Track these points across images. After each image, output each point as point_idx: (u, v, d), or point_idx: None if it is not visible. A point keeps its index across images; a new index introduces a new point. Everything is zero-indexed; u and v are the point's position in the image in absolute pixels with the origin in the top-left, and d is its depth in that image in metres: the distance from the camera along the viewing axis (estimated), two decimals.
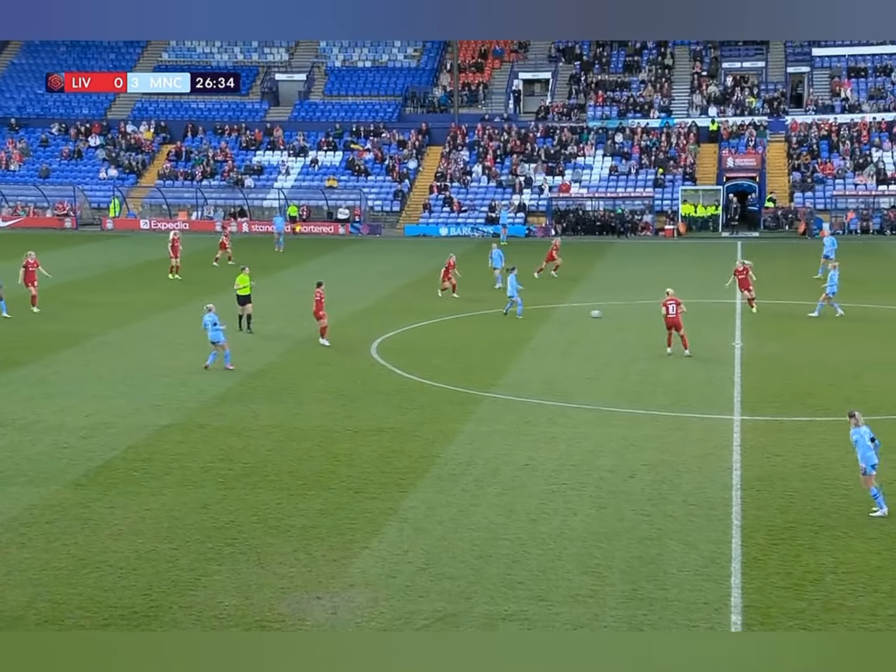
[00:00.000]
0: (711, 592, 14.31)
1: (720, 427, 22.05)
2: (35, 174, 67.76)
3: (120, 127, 71.09)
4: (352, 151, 67.78)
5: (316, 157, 67.76)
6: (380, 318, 33.88)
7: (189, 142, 70.02)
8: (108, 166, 68.44)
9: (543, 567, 15.08)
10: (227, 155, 68.29)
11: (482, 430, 21.85)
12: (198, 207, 64.86)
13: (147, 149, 69.77)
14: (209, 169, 67.12)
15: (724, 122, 66.14)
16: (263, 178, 66.87)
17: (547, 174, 64.48)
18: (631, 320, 34.43)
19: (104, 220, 63.50)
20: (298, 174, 66.96)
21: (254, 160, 68.01)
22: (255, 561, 15.25)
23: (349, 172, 66.55)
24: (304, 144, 68.50)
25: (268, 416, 22.78)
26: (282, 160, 67.78)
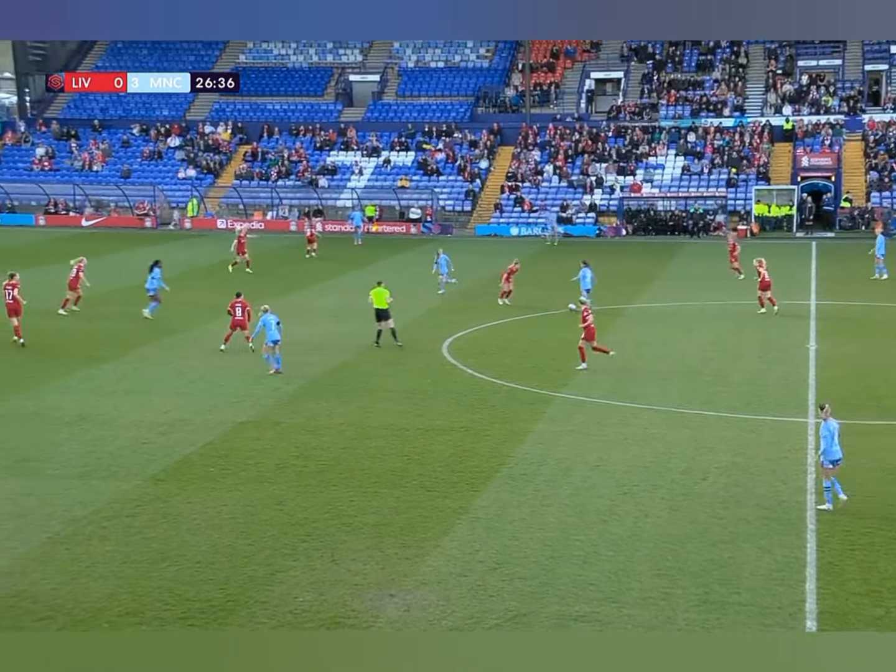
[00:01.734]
0: (785, 597, 14.08)
1: (794, 429, 21.68)
2: (117, 174, 69.14)
3: (198, 128, 72.18)
4: (424, 151, 67.96)
5: (388, 157, 68.06)
6: (450, 317, 33.90)
7: (265, 142, 70.83)
8: (186, 166, 69.53)
9: (615, 568, 14.97)
10: (301, 155, 68.95)
11: (553, 430, 21.77)
12: (273, 207, 65.60)
13: (224, 149, 70.72)
14: (284, 169, 67.84)
15: (798, 121, 64.96)
16: (337, 179, 67.36)
17: (618, 174, 63.96)
18: (702, 321, 34.00)
19: (182, 219, 64.55)
20: (371, 174, 67.32)
21: (328, 160, 68.54)
22: (329, 557, 15.38)
23: (421, 172, 66.73)
24: (377, 145, 68.86)
25: (341, 413, 22.95)
26: (355, 160, 68.22)
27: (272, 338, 26.44)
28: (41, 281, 42.27)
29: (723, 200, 60.81)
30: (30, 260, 48.53)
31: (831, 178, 61.52)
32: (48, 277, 43.21)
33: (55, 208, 66.25)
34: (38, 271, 44.93)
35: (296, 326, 32.82)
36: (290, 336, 31.36)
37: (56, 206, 66.33)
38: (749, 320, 33.93)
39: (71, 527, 16.47)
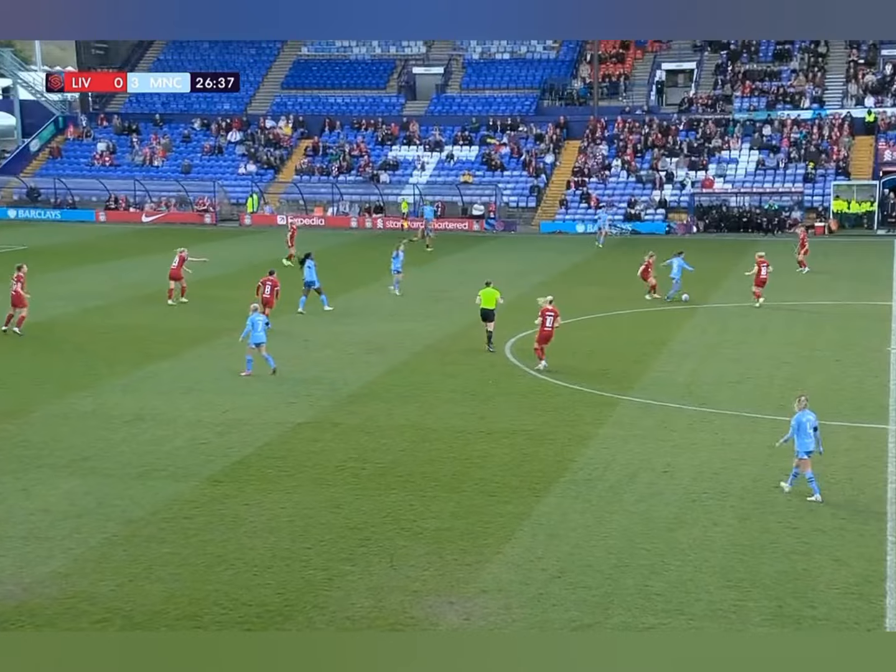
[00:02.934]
0: (863, 612, 13.84)
1: (873, 436, 21.29)
2: (177, 169, 70.16)
3: (259, 122, 72.96)
4: (488, 146, 67.93)
5: (451, 151, 68.16)
6: (514, 316, 33.81)
7: (326, 137, 71.35)
8: (246, 161, 70.33)
9: (682, 579, 14.84)
10: (363, 150, 69.34)
11: (619, 434, 21.63)
12: (333, 203, 66.07)
13: (285, 144, 71.39)
14: (345, 164, 68.29)
15: (881, 112, 63.70)
16: (399, 174, 67.62)
17: (689, 169, 63.33)
18: (776, 321, 33.55)
19: (242, 215, 65.31)
20: (434, 169, 67.47)
21: (389, 155, 68.85)
22: (388, 563, 15.45)
23: (485, 167, 66.70)
24: (440, 139, 68.98)
25: (400, 415, 23.04)
26: (417, 155, 68.43)
27: (256, 339, 26.22)
28: (98, 279, 43.08)
29: (799, 196, 59.90)
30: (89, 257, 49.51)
31: None
32: (105, 275, 44.03)
33: (115, 204, 67.46)
34: (96, 269, 45.79)
35: (355, 326, 33.08)
36: (348, 335, 31.66)
37: (116, 201, 67.54)
38: (825, 321, 33.40)
39: (128, 528, 16.75)
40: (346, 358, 28.66)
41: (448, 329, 32.60)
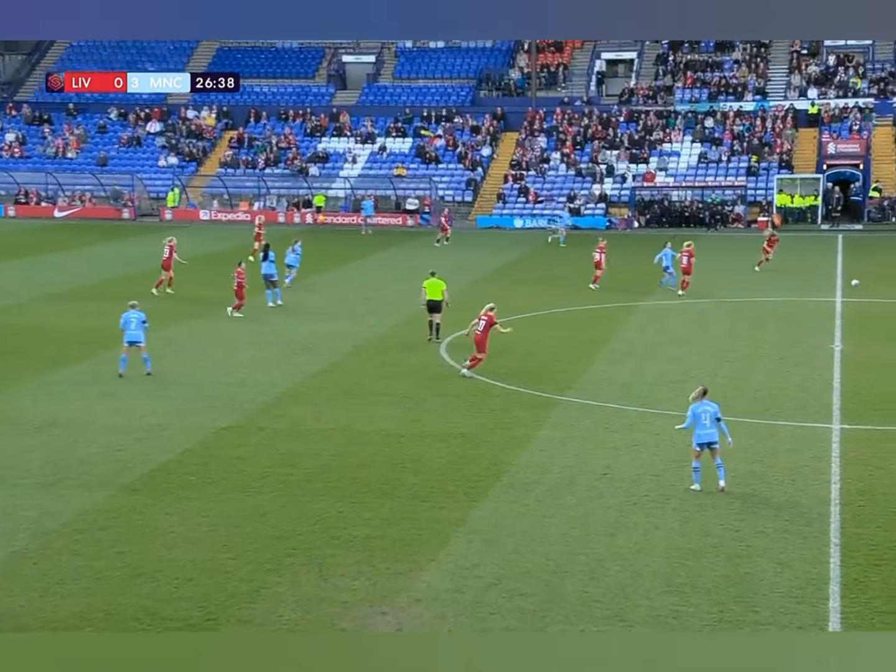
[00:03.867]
0: (807, 616, 14.08)
1: (817, 436, 21.68)
2: (93, 162, 69.16)
3: (180, 112, 72.19)
4: (422, 138, 67.98)
5: (384, 143, 68.10)
6: (449, 315, 33.86)
7: (252, 128, 70.85)
8: (167, 154, 69.57)
9: (622, 584, 14.98)
10: (291, 142, 68.98)
11: (557, 436, 21.78)
12: (260, 197, 65.63)
13: (208, 135, 70.76)
14: (272, 156, 67.88)
15: (825, 104, 64.94)
16: (329, 167, 67.39)
17: (630, 162, 63.98)
18: (719, 319, 34.03)
19: (162, 210, 64.59)
20: (366, 162, 67.35)
21: (319, 147, 68.58)
22: (317, 573, 15.39)
23: (419, 160, 66.75)
24: (372, 130, 68.88)
25: (330, 418, 22.96)
26: (348, 147, 68.26)
27: (129, 338, 25.87)
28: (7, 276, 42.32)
29: (742, 190, 60.80)
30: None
31: (859, 166, 61.48)
32: (15, 273, 43.25)
33: (26, 198, 66.29)
34: (4, 266, 44.97)
35: (281, 326, 32.91)
36: (275, 336, 31.48)
37: (27, 195, 66.37)
38: (769, 318, 33.94)
39: (39, 540, 16.47)
40: (273, 359, 28.49)
41: (379, 328, 32.57)
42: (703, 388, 18.88)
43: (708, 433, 18.37)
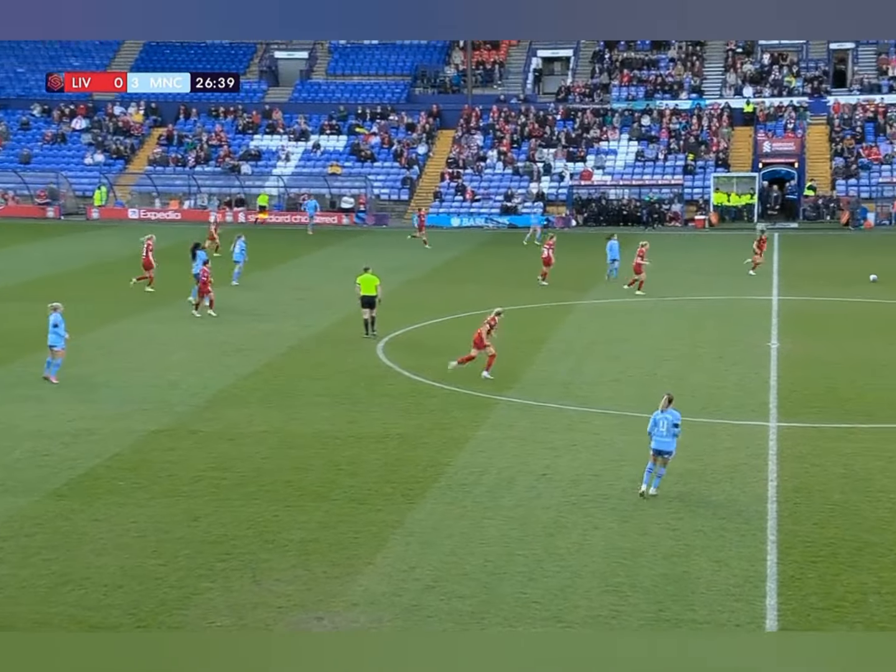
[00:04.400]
0: (744, 614, 14.28)
1: (754, 434, 22.00)
2: (15, 160, 68.00)
3: (107, 109, 71.27)
4: (357, 135, 67.85)
5: (318, 141, 67.84)
6: (386, 315, 33.83)
7: (181, 125, 70.19)
8: (93, 151, 68.66)
9: (561, 585, 15.07)
10: (222, 139, 68.45)
11: (496, 436, 21.86)
12: (190, 195, 65.02)
13: (136, 132, 69.96)
14: (203, 154, 67.29)
15: (760, 103, 65.95)
16: (261, 165, 66.98)
17: (567, 160, 64.42)
18: (657, 318, 34.39)
19: (89, 209, 63.72)
20: (299, 160, 67.06)
21: (251, 145, 68.13)
22: (250, 578, 15.29)
23: (354, 158, 66.60)
24: (306, 128, 68.59)
25: (264, 421, 22.82)
26: (281, 145, 67.90)
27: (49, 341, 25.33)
28: None
29: (679, 188, 61.51)
30: None
31: (794, 164, 62.53)
32: None
33: None
34: None
35: (213, 326, 32.64)
36: (207, 337, 31.21)
37: None
38: (707, 317, 34.38)
39: None
40: (205, 361, 28.25)
41: (314, 329, 32.46)
42: (669, 396, 18.55)
43: (662, 441, 18.20)
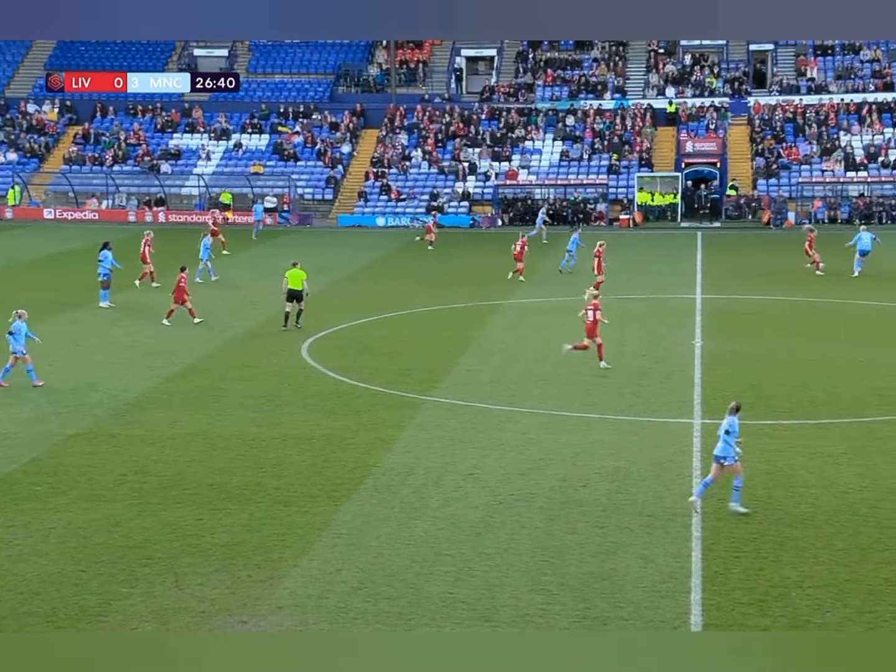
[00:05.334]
0: (670, 610, 14.46)
1: (679, 431, 22.29)
2: None
3: (20, 106, 69.95)
4: (279, 134, 67.45)
5: (240, 140, 67.33)
6: (310, 315, 33.70)
7: (98, 123, 69.17)
8: (6, 150, 67.36)
9: (489, 585, 15.13)
10: (140, 138, 67.59)
11: (423, 436, 21.88)
12: (108, 195, 64.11)
13: (51, 130, 68.77)
14: (121, 153, 66.39)
15: (682, 103, 66.89)
16: (181, 164, 66.29)
17: (493, 160, 64.71)
18: None
19: (2, 208, 62.47)
20: (220, 159, 66.49)
21: (170, 144, 67.38)
22: (173, 583, 15.13)
23: (276, 157, 66.21)
24: (227, 127, 68.03)
25: (186, 423, 22.60)
26: (202, 144, 67.25)
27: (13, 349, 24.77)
28: None
29: (604, 188, 62.14)
30: None
31: (716, 164, 63.53)
32: None
33: None
34: None
35: (134, 328, 32.22)
36: (127, 338, 30.79)
37: None
38: (632, 316, 34.75)
39: None
40: (125, 363, 27.88)
41: (238, 329, 32.21)
42: (735, 404, 17.89)
43: (717, 447, 17.66)
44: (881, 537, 16.65)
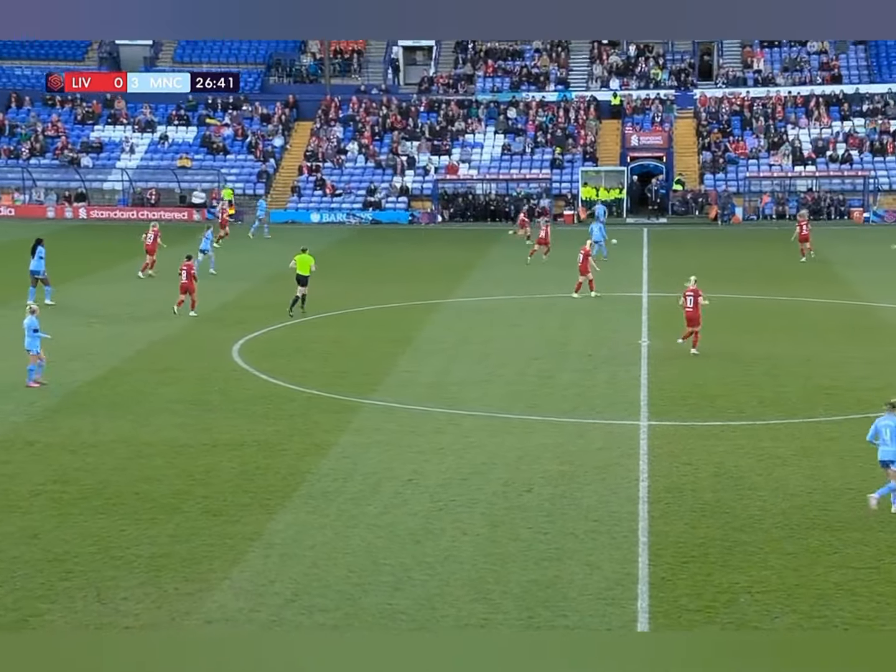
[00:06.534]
0: (616, 618, 14.52)
1: (625, 433, 22.43)
2: None
3: None
4: (207, 127, 66.93)
5: (166, 132, 66.72)
6: (242, 315, 33.50)
7: (13, 114, 68.17)
8: None
9: (429, 594, 15.10)
10: (59, 130, 66.70)
11: (360, 441, 21.81)
12: (25, 190, 63.19)
13: None
14: (38, 146, 65.46)
15: (627, 95, 67.45)
16: (104, 157, 65.57)
17: (432, 153, 64.76)
18: (527, 315, 34.81)
19: None
20: (145, 152, 65.87)
21: (92, 136, 66.60)
22: (95, 597, 14.92)
23: (205, 150, 65.72)
24: (152, 118, 67.38)
25: (110, 429, 22.33)
26: (125, 136, 66.56)
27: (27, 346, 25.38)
28: None
29: (547, 183, 62.44)
30: None
31: (662, 158, 64.13)
32: None
33: None
34: None
35: (54, 329, 31.68)
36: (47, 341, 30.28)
37: None
38: (577, 314, 34.97)
39: None
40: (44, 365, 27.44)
41: (164, 331, 31.89)
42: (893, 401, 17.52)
43: (887, 451, 17.36)
44: (831, 540, 16.87)
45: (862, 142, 63.81)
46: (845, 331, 32.43)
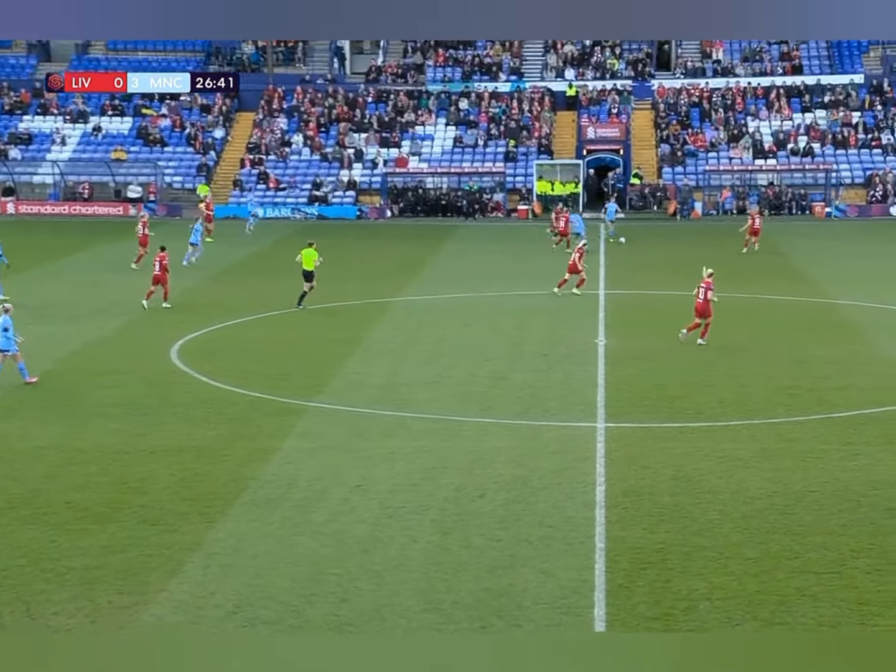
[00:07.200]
0: (571, 627, 14.57)
1: (581, 436, 22.52)
2: None
3: None
4: (144, 117, 66.45)
5: (99, 123, 66.16)
6: (181, 316, 33.27)
7: None
8: None
9: (377, 605, 15.08)
10: None
11: (305, 446, 21.75)
12: None
13: None
14: None
15: (582, 86, 67.76)
16: (33, 149, 64.94)
17: (381, 146, 64.70)
18: (478, 314, 34.87)
19: None
20: (77, 144, 65.30)
21: (20, 127, 65.92)
22: (24, 612, 14.78)
23: (141, 143, 65.26)
24: (84, 108, 66.78)
25: (39, 435, 22.12)
26: (56, 127, 65.93)
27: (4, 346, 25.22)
28: None
29: (500, 177, 62.57)
30: None
31: (619, 151, 64.49)
32: None
33: None
34: None
35: None
36: None
37: None
38: (531, 313, 35.06)
39: None
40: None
41: (99, 332, 31.64)
42: None
43: None
44: (791, 545, 17.03)
45: (824, 134, 64.55)
46: (808, 329, 32.79)
